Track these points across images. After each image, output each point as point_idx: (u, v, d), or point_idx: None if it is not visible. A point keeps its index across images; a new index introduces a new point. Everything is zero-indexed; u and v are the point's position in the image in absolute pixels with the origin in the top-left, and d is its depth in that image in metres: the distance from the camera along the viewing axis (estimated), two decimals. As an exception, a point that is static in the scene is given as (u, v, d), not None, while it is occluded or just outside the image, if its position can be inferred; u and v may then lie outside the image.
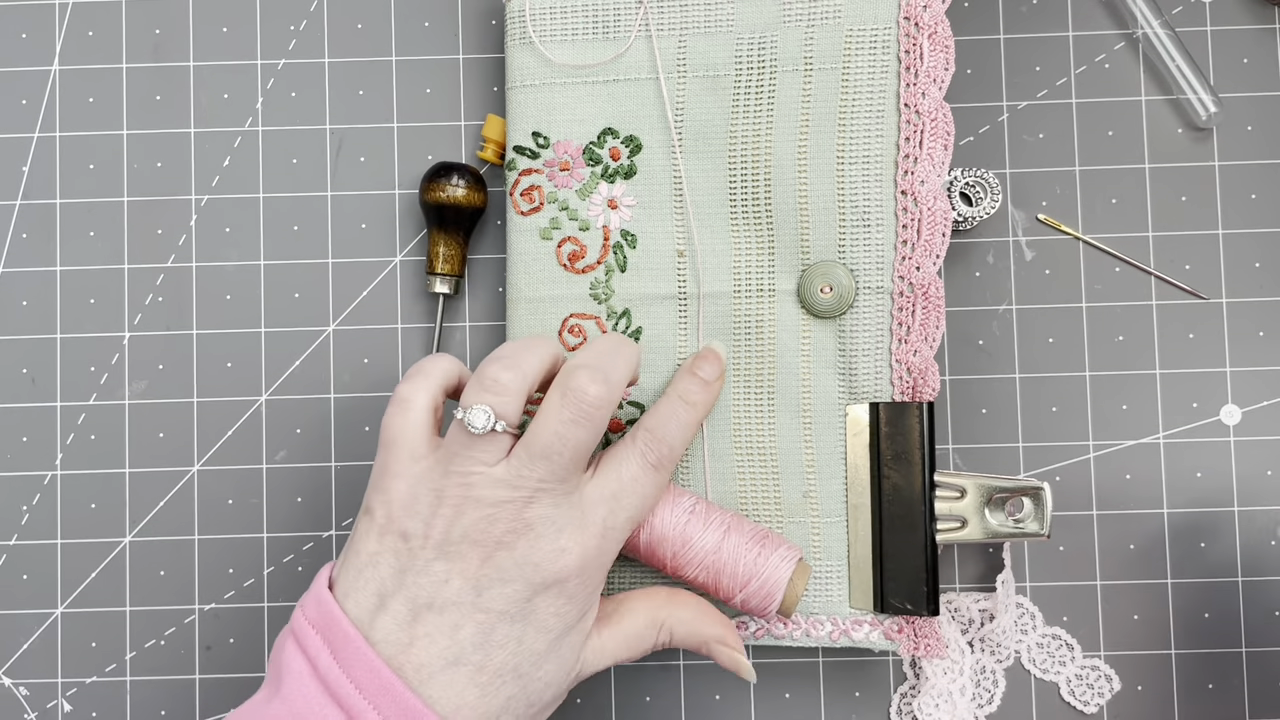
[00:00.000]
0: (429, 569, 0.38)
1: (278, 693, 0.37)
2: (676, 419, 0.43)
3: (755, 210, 0.47)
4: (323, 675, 0.36)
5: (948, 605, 0.49)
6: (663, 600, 0.43)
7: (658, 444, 0.42)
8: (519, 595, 0.38)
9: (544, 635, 0.38)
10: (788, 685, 0.50)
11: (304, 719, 0.36)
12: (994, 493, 0.45)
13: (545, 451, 0.38)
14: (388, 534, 0.39)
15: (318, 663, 0.37)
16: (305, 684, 0.36)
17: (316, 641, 0.37)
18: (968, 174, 0.49)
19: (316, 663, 0.37)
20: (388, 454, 0.40)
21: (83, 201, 0.52)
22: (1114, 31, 0.51)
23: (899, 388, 0.46)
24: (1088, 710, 0.49)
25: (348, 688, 0.36)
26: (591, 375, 0.39)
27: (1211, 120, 0.50)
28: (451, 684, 0.37)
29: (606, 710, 0.50)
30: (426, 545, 0.38)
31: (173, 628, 0.51)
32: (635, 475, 0.41)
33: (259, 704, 0.37)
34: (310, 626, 0.38)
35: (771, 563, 0.43)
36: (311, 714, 0.36)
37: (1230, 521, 0.49)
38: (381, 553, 0.38)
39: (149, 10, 0.52)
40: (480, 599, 0.37)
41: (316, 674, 0.37)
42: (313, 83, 0.52)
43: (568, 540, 0.39)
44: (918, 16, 0.46)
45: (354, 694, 0.36)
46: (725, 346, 0.47)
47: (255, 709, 0.37)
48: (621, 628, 0.42)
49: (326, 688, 0.36)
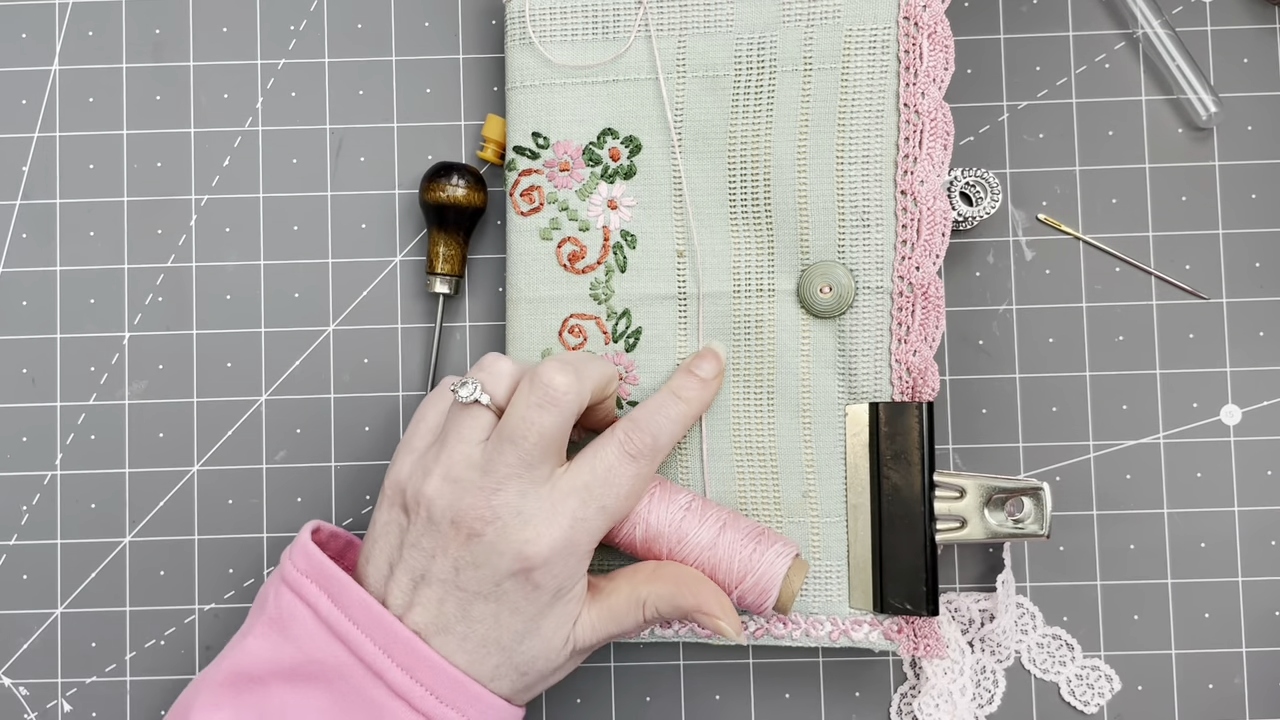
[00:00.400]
0: (419, 544, 0.41)
1: (286, 638, 0.41)
2: (664, 411, 0.44)
3: (755, 210, 0.47)
4: (324, 617, 0.40)
5: (948, 605, 0.49)
6: (644, 578, 0.43)
7: (640, 434, 0.42)
8: (488, 579, 0.40)
9: (518, 615, 0.40)
10: (788, 685, 0.50)
11: (313, 656, 0.40)
12: (994, 493, 0.45)
13: (512, 435, 0.40)
14: (394, 507, 0.42)
15: (318, 607, 0.40)
16: (310, 626, 0.40)
17: (313, 589, 0.41)
18: (968, 174, 0.49)
19: (317, 607, 0.40)
20: (411, 429, 0.43)
21: (83, 201, 0.52)
22: (1114, 31, 0.51)
23: (899, 388, 0.46)
24: (1088, 710, 0.49)
25: (346, 624, 0.40)
26: (560, 366, 0.41)
27: (1212, 120, 0.50)
28: (443, 647, 0.40)
29: (606, 710, 0.50)
30: (416, 521, 0.41)
31: (173, 628, 0.51)
32: (611, 465, 0.42)
33: (266, 649, 0.41)
34: (304, 576, 0.41)
35: (767, 559, 0.43)
36: (319, 651, 0.40)
37: (1230, 521, 0.49)
38: (390, 524, 0.42)
39: (149, 10, 0.52)
40: (458, 577, 0.40)
41: (319, 617, 0.40)
42: (313, 83, 0.52)
43: (533, 531, 0.40)
44: (917, 16, 0.46)
45: (353, 629, 0.40)
46: (725, 347, 0.47)
47: (265, 653, 0.41)
48: (608, 605, 0.43)
49: (330, 628, 0.40)
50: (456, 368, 0.51)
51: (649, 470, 0.43)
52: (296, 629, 0.41)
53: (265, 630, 0.41)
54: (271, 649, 0.41)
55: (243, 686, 0.41)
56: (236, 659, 0.41)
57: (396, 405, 0.51)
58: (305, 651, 0.40)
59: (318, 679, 0.40)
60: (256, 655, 0.41)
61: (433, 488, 0.40)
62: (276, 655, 0.41)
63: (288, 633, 0.41)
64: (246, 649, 0.41)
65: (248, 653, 0.41)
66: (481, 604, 0.40)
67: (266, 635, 0.41)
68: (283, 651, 0.41)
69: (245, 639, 0.42)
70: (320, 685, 0.40)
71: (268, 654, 0.41)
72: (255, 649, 0.41)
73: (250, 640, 0.41)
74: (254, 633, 0.41)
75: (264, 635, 0.41)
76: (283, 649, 0.41)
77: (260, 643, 0.41)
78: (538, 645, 0.41)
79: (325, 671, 0.40)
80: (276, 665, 0.40)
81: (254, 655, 0.41)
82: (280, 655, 0.41)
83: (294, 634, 0.41)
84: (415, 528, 0.41)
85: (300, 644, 0.40)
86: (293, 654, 0.40)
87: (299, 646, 0.40)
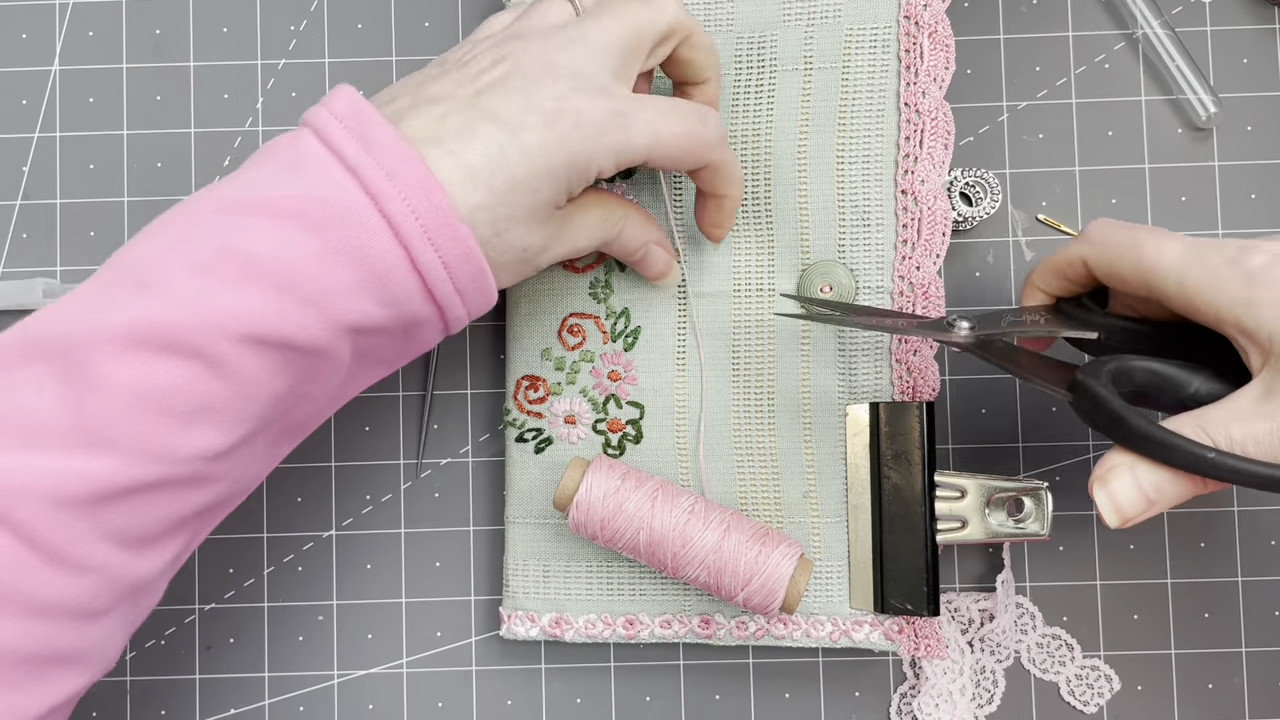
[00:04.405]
0: (447, 75, 0.39)
1: (297, 175, 0.36)
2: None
3: (755, 210, 0.47)
4: (351, 164, 0.36)
5: (948, 605, 0.49)
6: (620, 201, 0.44)
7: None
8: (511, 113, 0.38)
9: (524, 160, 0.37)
10: (788, 685, 0.50)
11: (324, 195, 0.36)
12: (994, 493, 0.45)
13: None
14: (437, 62, 0.41)
15: (344, 154, 0.36)
16: (330, 169, 0.36)
17: (342, 133, 0.37)
18: (968, 174, 0.49)
19: (343, 154, 0.36)
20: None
21: (83, 201, 0.52)
22: (1114, 31, 0.51)
23: (899, 387, 0.46)
24: (1088, 710, 0.49)
25: (375, 170, 0.36)
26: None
27: (1211, 120, 0.50)
28: (426, 158, 0.37)
29: (606, 710, 0.50)
30: (471, 55, 0.39)
31: (173, 628, 0.51)
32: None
33: (263, 184, 0.36)
34: (337, 120, 0.37)
35: (773, 560, 0.43)
36: (332, 187, 0.36)
37: (1230, 521, 0.49)
38: (424, 72, 0.40)
39: (149, 10, 0.52)
40: (479, 98, 0.38)
41: (343, 162, 0.36)
42: (313, 83, 0.52)
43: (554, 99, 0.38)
44: (918, 15, 0.46)
45: (380, 174, 0.36)
46: (725, 347, 0.47)
47: (257, 187, 0.36)
48: (586, 212, 0.42)
49: (353, 173, 0.36)
50: (455, 367, 0.51)
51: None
52: (311, 171, 0.36)
53: (267, 170, 0.37)
54: (260, 185, 0.36)
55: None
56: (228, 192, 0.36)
57: (396, 405, 0.51)
58: (315, 189, 0.36)
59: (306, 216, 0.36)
60: (253, 183, 0.36)
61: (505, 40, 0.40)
62: (273, 195, 0.36)
63: (302, 174, 0.36)
64: (234, 188, 0.36)
65: (238, 190, 0.36)
66: (490, 127, 0.37)
67: (266, 174, 0.37)
68: (282, 191, 0.36)
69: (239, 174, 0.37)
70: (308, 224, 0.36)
71: (264, 193, 0.36)
72: (243, 186, 0.36)
73: (250, 172, 0.37)
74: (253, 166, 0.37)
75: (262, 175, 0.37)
76: (280, 190, 0.36)
77: (257, 177, 0.37)
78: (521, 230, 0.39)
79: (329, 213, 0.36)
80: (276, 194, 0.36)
81: (245, 189, 0.36)
82: (278, 195, 0.36)
83: (307, 173, 0.36)
84: (455, 57, 0.40)
85: (310, 179, 0.36)
86: (298, 190, 0.36)
87: (309, 182, 0.36)
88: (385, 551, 0.50)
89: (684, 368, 0.47)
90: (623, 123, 0.39)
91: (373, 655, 0.50)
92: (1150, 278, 0.38)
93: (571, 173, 0.38)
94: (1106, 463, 0.38)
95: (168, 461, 0.35)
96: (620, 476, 0.44)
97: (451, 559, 0.50)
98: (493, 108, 0.38)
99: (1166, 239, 0.38)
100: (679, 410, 0.47)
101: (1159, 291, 0.38)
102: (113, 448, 0.34)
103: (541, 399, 0.48)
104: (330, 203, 0.35)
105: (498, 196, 0.37)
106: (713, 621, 0.47)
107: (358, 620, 0.50)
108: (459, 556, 0.50)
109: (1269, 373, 0.36)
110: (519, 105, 0.38)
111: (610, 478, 0.44)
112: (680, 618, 0.47)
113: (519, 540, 0.48)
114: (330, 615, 0.50)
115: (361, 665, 0.50)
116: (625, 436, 0.48)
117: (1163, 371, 0.38)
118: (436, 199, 0.36)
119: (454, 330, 0.39)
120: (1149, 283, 0.38)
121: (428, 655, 0.50)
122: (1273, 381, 0.35)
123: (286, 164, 0.36)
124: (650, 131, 0.39)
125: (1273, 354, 0.35)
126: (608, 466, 0.45)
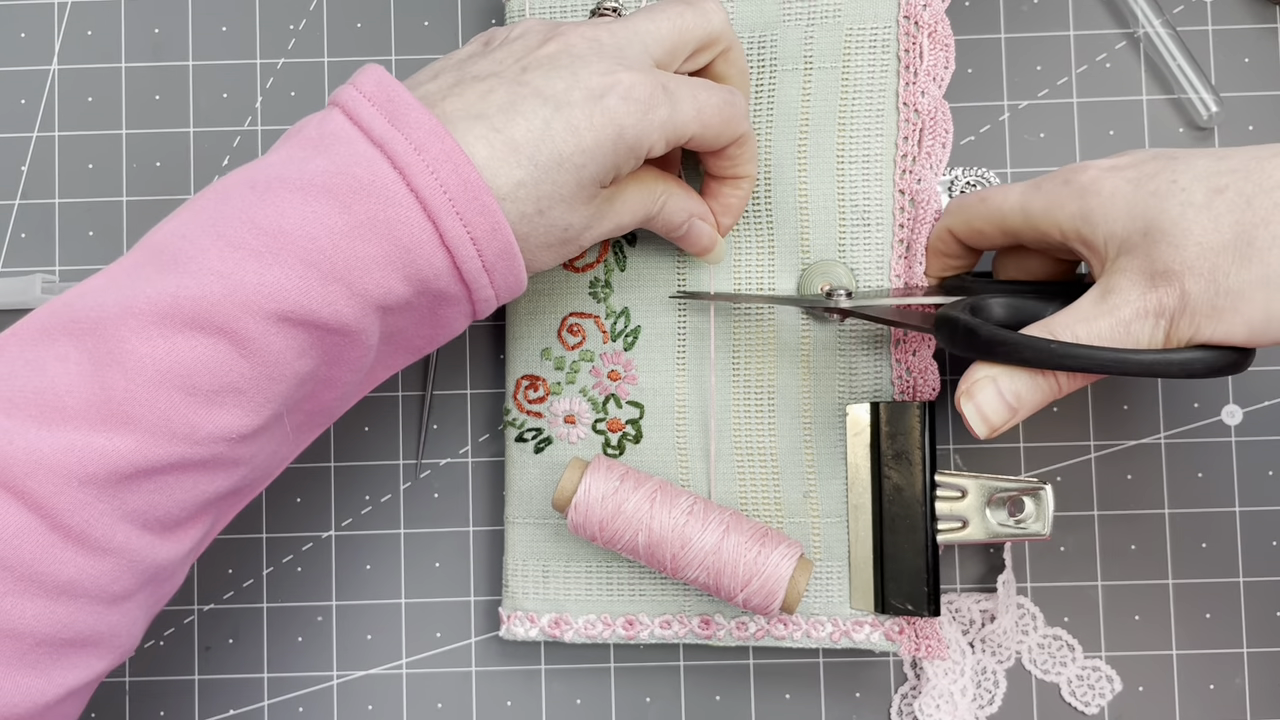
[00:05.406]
0: (491, 54, 0.39)
1: (325, 152, 0.36)
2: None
3: (755, 209, 0.47)
4: (378, 139, 0.36)
5: (949, 606, 0.49)
6: (660, 175, 0.43)
7: None
8: (557, 89, 0.38)
9: (570, 136, 0.37)
10: (788, 686, 0.49)
11: (352, 169, 0.35)
12: (995, 493, 0.45)
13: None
14: (480, 42, 0.41)
15: (371, 129, 0.36)
16: (357, 145, 0.36)
17: (369, 109, 0.36)
18: (968, 173, 0.49)
19: (370, 130, 0.36)
20: None
21: (81, 201, 0.52)
22: (1115, 31, 0.51)
23: (899, 387, 0.46)
24: (1089, 711, 0.49)
25: (403, 144, 0.36)
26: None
27: (1213, 120, 0.49)
28: (468, 133, 0.37)
29: (606, 710, 0.50)
30: (518, 34, 0.40)
31: (172, 628, 0.51)
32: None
33: (292, 162, 0.36)
34: (365, 98, 0.37)
35: (772, 560, 0.43)
36: (360, 163, 0.35)
37: (1231, 522, 0.49)
38: (465, 49, 0.41)
39: (148, 10, 0.52)
40: (524, 75, 0.38)
41: (370, 139, 0.36)
42: (313, 82, 0.52)
43: (601, 74, 0.38)
44: (917, 15, 0.46)
45: (408, 148, 0.36)
46: (725, 347, 0.47)
47: (286, 166, 0.36)
48: (627, 189, 0.41)
49: (381, 148, 0.36)
50: (455, 367, 0.51)
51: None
52: (339, 148, 0.36)
53: (294, 149, 0.37)
54: (285, 165, 0.36)
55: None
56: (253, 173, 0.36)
57: (396, 405, 0.51)
58: (340, 168, 0.36)
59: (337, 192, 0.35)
60: (276, 168, 0.36)
61: (545, 26, 0.40)
62: (300, 172, 0.36)
63: (328, 152, 0.36)
64: (261, 168, 0.36)
65: (264, 170, 0.36)
66: (536, 103, 0.37)
67: (294, 154, 0.36)
68: (309, 168, 0.36)
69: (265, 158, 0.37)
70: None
71: (289, 171, 0.36)
72: (270, 167, 0.36)
73: (272, 155, 0.37)
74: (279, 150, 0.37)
75: (290, 156, 0.36)
76: (307, 166, 0.36)
77: (286, 154, 0.36)
78: (564, 207, 0.38)
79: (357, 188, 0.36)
80: (302, 171, 0.36)
81: (271, 168, 0.36)
82: (305, 171, 0.36)
83: (333, 152, 0.36)
84: (496, 43, 0.40)
85: (335, 158, 0.36)
86: (324, 167, 0.36)
87: (333, 160, 0.36)
88: (385, 552, 0.50)
89: (684, 368, 0.47)
90: (670, 98, 0.39)
91: (372, 656, 0.50)
92: (1000, 218, 0.41)
93: (620, 148, 0.38)
94: (970, 376, 0.40)
95: (189, 442, 0.35)
96: (619, 477, 0.44)
97: (451, 559, 0.50)
98: (539, 84, 0.38)
99: (1009, 186, 0.42)
100: (679, 410, 0.47)
101: (1011, 229, 0.41)
102: (134, 426, 0.34)
103: (541, 399, 0.48)
104: (358, 177, 0.35)
105: (541, 173, 0.37)
106: (713, 622, 0.47)
107: (357, 621, 0.50)
108: (458, 557, 0.50)
109: (1106, 275, 0.38)
110: (565, 81, 0.38)
111: (609, 479, 0.44)
112: (680, 618, 0.47)
113: (519, 540, 0.48)
114: (329, 616, 0.50)
115: (361, 666, 0.50)
116: (625, 436, 0.48)
117: (1018, 304, 0.41)
118: (465, 173, 0.36)
119: (481, 313, 0.39)
120: (1002, 224, 0.41)
121: (427, 656, 0.50)
122: (1109, 281, 0.38)
123: (314, 142, 0.36)
124: (695, 105, 0.40)
125: (1108, 257, 0.38)
126: (606, 467, 0.45)
